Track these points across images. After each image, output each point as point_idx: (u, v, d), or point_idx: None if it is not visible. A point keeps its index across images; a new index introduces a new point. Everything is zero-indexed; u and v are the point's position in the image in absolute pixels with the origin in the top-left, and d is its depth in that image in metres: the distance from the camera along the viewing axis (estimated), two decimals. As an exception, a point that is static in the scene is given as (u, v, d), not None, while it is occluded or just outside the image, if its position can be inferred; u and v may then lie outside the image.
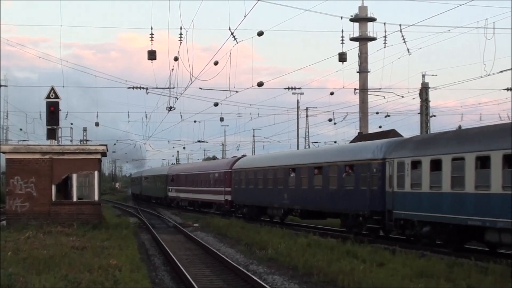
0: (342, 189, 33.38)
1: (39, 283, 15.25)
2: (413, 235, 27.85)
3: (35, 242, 24.81)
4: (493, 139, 23.22)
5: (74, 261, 19.64)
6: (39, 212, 33.55)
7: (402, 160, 28.17)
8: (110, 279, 16.62)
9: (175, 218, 52.76)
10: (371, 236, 30.55)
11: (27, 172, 33.93)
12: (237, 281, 20.11)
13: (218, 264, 24.34)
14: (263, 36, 35.66)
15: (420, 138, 32.39)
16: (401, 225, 28.31)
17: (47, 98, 36.19)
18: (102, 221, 35.02)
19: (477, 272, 18.35)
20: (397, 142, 30.57)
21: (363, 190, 31.03)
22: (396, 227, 28.76)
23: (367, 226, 30.94)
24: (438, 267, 19.45)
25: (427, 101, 58.29)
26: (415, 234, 27.49)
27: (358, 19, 68.06)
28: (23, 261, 19.55)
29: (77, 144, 44.43)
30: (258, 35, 35.44)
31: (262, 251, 26.36)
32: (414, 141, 29.98)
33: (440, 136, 28.70)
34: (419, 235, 27.12)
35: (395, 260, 21.18)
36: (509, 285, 16.36)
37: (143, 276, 18.00)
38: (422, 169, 26.67)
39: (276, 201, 41.92)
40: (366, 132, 68.15)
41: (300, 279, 19.83)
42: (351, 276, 18.08)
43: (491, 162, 22.40)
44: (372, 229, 30.80)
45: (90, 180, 34.85)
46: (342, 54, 47.99)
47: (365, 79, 68.18)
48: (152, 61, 39.44)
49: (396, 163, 28.55)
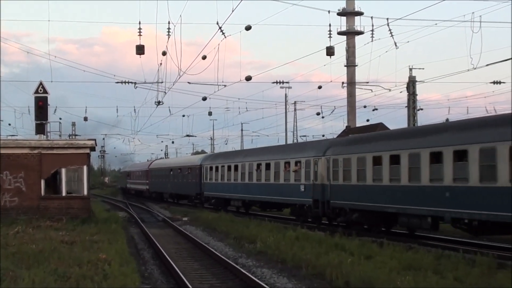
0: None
1: (29, 278, 15.21)
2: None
3: (24, 237, 24.77)
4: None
5: (64, 256, 19.61)
6: (28, 206, 33.49)
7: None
8: (100, 273, 16.60)
9: (164, 212, 52.74)
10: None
11: (16, 167, 33.85)
12: (226, 275, 20.12)
13: (207, 257, 24.34)
14: (250, 30, 35.69)
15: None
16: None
17: (35, 93, 36.10)
18: (91, 215, 35.00)
19: (464, 264, 18.39)
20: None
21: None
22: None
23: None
24: (425, 259, 19.46)
25: (414, 95, 58.48)
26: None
27: (346, 13, 68.07)
28: (13, 256, 19.50)
29: (66, 139, 44.24)
30: (246, 30, 35.45)
31: (251, 244, 26.40)
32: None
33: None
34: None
35: (382, 253, 21.22)
36: (496, 276, 16.41)
37: (132, 270, 17.98)
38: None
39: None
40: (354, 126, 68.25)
41: (288, 272, 19.84)
42: (339, 269, 18.10)
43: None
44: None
45: (79, 174, 34.81)
46: (329, 48, 48.11)
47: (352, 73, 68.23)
48: (140, 56, 39.43)
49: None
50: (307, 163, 35.67)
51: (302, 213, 36.53)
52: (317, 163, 34.45)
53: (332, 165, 32.79)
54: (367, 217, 30.06)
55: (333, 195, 32.51)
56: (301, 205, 36.48)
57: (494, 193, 21.57)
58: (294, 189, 36.97)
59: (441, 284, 15.40)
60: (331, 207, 32.73)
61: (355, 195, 30.51)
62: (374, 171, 28.94)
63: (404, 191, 26.64)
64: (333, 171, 32.63)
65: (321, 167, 34.03)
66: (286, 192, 38.23)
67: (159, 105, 53.20)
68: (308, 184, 35.22)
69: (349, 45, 67.71)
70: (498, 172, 21.31)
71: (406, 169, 26.49)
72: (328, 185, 33.10)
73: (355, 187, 30.50)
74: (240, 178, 46.20)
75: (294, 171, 37.13)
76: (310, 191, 34.92)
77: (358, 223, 30.80)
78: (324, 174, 33.70)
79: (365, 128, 37.88)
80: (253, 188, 43.58)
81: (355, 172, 30.53)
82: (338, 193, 32.08)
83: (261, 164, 42.72)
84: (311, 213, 35.27)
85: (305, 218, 36.26)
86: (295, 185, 36.88)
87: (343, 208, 31.73)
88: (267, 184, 41.20)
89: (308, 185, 35.30)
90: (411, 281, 15.69)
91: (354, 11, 68.77)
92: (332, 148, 33.91)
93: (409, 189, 26.30)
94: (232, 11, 29.61)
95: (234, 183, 47.36)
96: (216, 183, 52.14)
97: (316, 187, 34.24)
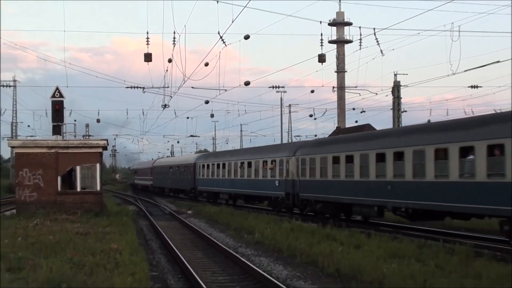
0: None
1: (47, 266, 15.24)
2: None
3: (43, 229, 24.79)
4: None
5: (78, 246, 19.64)
6: (46, 201, 33.51)
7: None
8: (112, 262, 16.62)
9: (170, 206, 52.72)
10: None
11: (35, 165, 33.87)
12: (227, 263, 20.14)
13: (209, 247, 24.36)
14: (249, 39, 35.69)
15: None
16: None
17: (52, 97, 36.11)
18: (103, 209, 35.01)
19: (444, 253, 18.40)
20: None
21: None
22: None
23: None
24: (409, 248, 19.47)
25: (398, 98, 58.48)
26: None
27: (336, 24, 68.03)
28: (32, 246, 19.53)
29: (80, 139, 44.23)
30: (244, 39, 35.45)
31: (249, 235, 26.42)
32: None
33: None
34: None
35: (370, 242, 21.24)
36: (473, 264, 16.46)
37: (141, 258, 18.00)
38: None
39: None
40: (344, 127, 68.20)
41: (284, 260, 19.87)
42: (331, 258, 18.13)
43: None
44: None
45: (92, 171, 34.82)
46: (321, 56, 48.19)
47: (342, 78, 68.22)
48: (148, 63, 39.49)
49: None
50: (280, 162, 38.45)
51: (277, 204, 39.27)
52: (289, 162, 37.17)
53: (300, 163, 35.50)
54: (329, 207, 32.54)
55: (302, 189, 35.16)
56: (276, 198, 39.31)
57: (423, 186, 24.15)
58: (270, 184, 39.81)
59: (423, 271, 15.43)
60: (300, 199, 35.43)
61: (318, 188, 33.10)
62: (333, 169, 31.48)
63: (356, 185, 29.18)
64: (301, 168, 35.33)
65: (291, 165, 36.78)
66: (264, 186, 41.12)
67: (165, 108, 53.25)
68: (281, 179, 38.02)
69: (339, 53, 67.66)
70: (427, 169, 23.82)
71: (358, 167, 29.08)
72: (297, 180, 35.80)
73: (319, 182, 33.11)
74: (227, 175, 48.75)
75: (270, 169, 39.88)
76: (283, 185, 37.81)
77: (322, 212, 33.19)
78: (294, 171, 36.36)
79: (353, 129, 38.11)
80: (238, 183, 46.33)
81: (318, 169, 33.09)
82: (305, 187, 34.75)
83: (244, 163, 45.38)
84: (284, 204, 37.92)
85: (280, 208, 38.95)
86: (271, 180, 39.67)
87: (310, 199, 34.34)
88: (249, 179, 44.08)
89: (281, 180, 38.08)
90: (396, 268, 15.72)
91: (344, 22, 68.67)
92: (300, 149, 36.62)
93: (360, 183, 28.91)
94: (232, 22, 29.63)
95: (222, 179, 50.02)
96: (207, 179, 54.73)
97: (288, 182, 37.02)
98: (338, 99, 67.88)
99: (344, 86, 67.74)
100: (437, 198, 23.25)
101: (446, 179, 22.75)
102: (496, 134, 20.42)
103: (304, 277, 16.86)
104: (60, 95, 36.10)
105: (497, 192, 20.20)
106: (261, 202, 46.09)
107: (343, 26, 68.22)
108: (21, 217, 30.43)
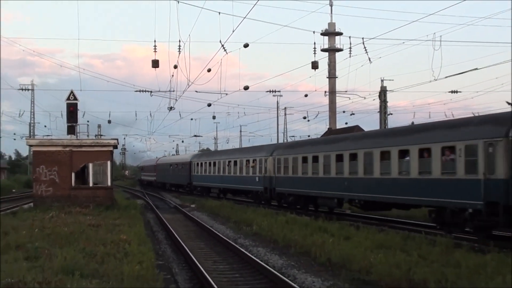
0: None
1: (61, 255, 15.19)
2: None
3: (58, 221, 24.73)
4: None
5: (90, 237, 19.59)
6: (61, 195, 33.48)
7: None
8: (121, 251, 16.58)
9: (175, 201, 52.67)
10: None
11: (51, 162, 33.84)
12: (227, 252, 20.13)
13: (211, 238, 24.34)
14: (248, 47, 35.62)
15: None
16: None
17: (67, 100, 36.07)
18: (114, 203, 34.97)
19: (426, 244, 18.37)
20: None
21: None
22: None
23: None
24: (394, 240, 19.43)
25: (385, 102, 58.49)
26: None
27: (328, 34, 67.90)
28: (48, 237, 19.48)
29: (93, 139, 44.14)
30: (244, 47, 35.35)
31: (248, 227, 26.39)
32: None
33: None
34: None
35: (358, 234, 21.21)
36: (453, 254, 16.43)
37: (148, 248, 17.97)
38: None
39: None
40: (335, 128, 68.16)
41: (280, 250, 19.85)
42: (322, 248, 18.11)
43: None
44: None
45: (103, 168, 34.79)
46: (314, 63, 48.21)
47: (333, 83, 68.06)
48: (156, 68, 39.42)
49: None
50: (260, 161, 41.31)
51: (257, 197, 41.79)
52: (267, 161, 39.98)
53: (276, 162, 38.39)
54: (299, 200, 35.33)
55: (277, 184, 38.02)
56: (256, 191, 41.99)
57: (372, 182, 26.58)
58: (252, 180, 42.76)
59: (407, 260, 15.41)
60: (276, 192, 38.31)
61: (291, 184, 35.87)
62: (302, 167, 34.10)
63: (321, 181, 31.78)
64: (277, 167, 38.24)
65: (269, 164, 39.56)
66: (247, 182, 44.06)
67: (171, 110, 53.16)
68: (261, 176, 40.89)
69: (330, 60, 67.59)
70: (374, 168, 26.35)
71: (322, 166, 31.62)
72: (274, 177, 38.72)
73: (291, 178, 35.84)
74: (217, 172, 51.83)
75: (252, 167, 42.64)
76: (262, 181, 40.67)
77: (294, 203, 35.85)
78: (271, 169, 39.21)
79: (343, 130, 38.02)
80: (226, 179, 49.39)
81: (291, 167, 35.81)
82: (280, 183, 37.56)
83: (231, 161, 48.23)
84: (263, 197, 40.54)
85: (260, 201, 41.34)
86: (253, 177, 42.48)
87: (284, 193, 37.21)
88: (235, 176, 46.89)
89: (260, 177, 40.97)
90: (382, 258, 15.70)
91: (335, 32, 68.59)
92: (277, 150, 39.56)
93: (324, 179, 31.50)
94: (233, 32, 29.54)
95: (213, 175, 53.06)
96: (201, 175, 57.66)
97: (266, 178, 39.89)
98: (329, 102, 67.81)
99: (335, 91, 67.62)
100: (383, 191, 25.71)
101: (389, 176, 25.22)
102: (424, 140, 23.10)
103: (298, 266, 16.84)
104: (74, 98, 36.07)
105: (426, 187, 22.66)
106: (247, 195, 47.28)
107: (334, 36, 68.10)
108: (38, 210, 30.38)
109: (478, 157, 19.79)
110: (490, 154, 19.40)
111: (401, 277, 13.58)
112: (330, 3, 67.94)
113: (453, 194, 21.05)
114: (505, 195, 18.69)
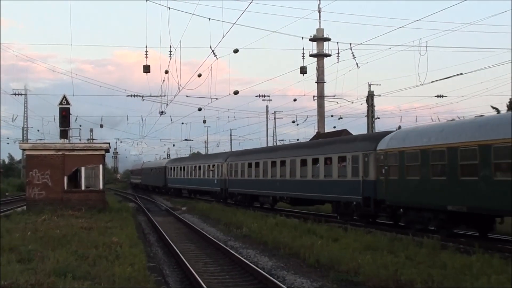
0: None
1: (54, 257, 15.12)
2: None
3: (50, 224, 24.62)
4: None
5: (83, 239, 19.51)
6: (53, 198, 33.32)
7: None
8: (113, 254, 16.51)
9: (166, 203, 52.54)
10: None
11: (44, 166, 33.69)
12: (217, 254, 20.09)
13: (202, 240, 24.29)
14: (237, 53, 35.62)
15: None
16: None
17: (59, 105, 35.93)
18: (106, 206, 34.84)
19: (413, 246, 18.40)
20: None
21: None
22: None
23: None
24: (382, 241, 19.45)
25: (372, 106, 58.67)
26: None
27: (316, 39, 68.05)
28: (40, 239, 19.38)
29: (85, 142, 44.03)
30: (234, 52, 35.41)
31: (238, 229, 26.35)
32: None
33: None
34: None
35: (347, 236, 21.23)
36: (440, 256, 16.47)
37: (140, 251, 17.91)
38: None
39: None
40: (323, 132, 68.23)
41: (269, 252, 19.84)
42: (311, 250, 18.11)
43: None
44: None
45: (95, 172, 34.68)
46: (303, 68, 48.38)
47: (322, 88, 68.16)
48: (147, 73, 39.35)
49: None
50: (217, 166, 48.31)
51: (216, 196, 48.73)
52: (222, 166, 46.92)
53: (229, 167, 45.62)
54: (245, 198, 42.53)
55: (230, 185, 45.28)
56: (215, 192, 49.02)
57: (295, 183, 33.95)
58: (212, 182, 49.79)
59: (395, 261, 15.44)
60: (228, 192, 45.58)
61: (240, 185, 42.96)
62: (248, 171, 41.48)
63: (260, 183, 39.13)
64: (229, 171, 45.46)
65: (224, 169, 46.58)
66: (208, 184, 51.02)
67: (162, 114, 53.11)
68: (218, 179, 47.87)
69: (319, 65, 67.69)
70: (297, 172, 33.79)
71: (261, 170, 39.14)
72: (227, 179, 45.95)
73: (240, 180, 43.10)
74: (186, 175, 59.15)
75: (212, 171, 49.52)
76: (219, 183, 47.72)
77: (242, 201, 42.79)
78: (225, 172, 46.20)
79: (331, 134, 38.19)
80: (193, 181, 56.78)
81: (240, 171, 43.11)
82: (232, 184, 44.79)
83: (196, 166, 55.62)
84: (220, 196, 47.21)
85: (218, 199, 47.50)
86: (212, 179, 49.51)
87: (234, 193, 44.35)
88: (200, 179, 54.23)
89: (218, 179, 48.01)
90: (370, 259, 15.72)
91: (323, 38, 68.72)
92: (230, 157, 46.88)
93: (263, 181, 38.81)
94: (223, 37, 29.65)
95: (183, 178, 60.56)
96: (174, 178, 64.99)
97: (222, 181, 47.01)
98: (318, 107, 67.90)
99: (324, 95, 67.74)
100: (303, 190, 32.78)
101: (306, 178, 32.57)
102: (328, 151, 30.61)
103: (287, 267, 16.83)
104: (67, 102, 35.94)
105: (329, 186, 29.78)
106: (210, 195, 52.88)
107: (322, 41, 68.25)
108: (31, 213, 30.24)
109: (359, 164, 26.92)
110: (366, 162, 26.52)
111: (389, 278, 13.59)
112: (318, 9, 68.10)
113: (345, 191, 28.14)
114: (374, 191, 25.66)
